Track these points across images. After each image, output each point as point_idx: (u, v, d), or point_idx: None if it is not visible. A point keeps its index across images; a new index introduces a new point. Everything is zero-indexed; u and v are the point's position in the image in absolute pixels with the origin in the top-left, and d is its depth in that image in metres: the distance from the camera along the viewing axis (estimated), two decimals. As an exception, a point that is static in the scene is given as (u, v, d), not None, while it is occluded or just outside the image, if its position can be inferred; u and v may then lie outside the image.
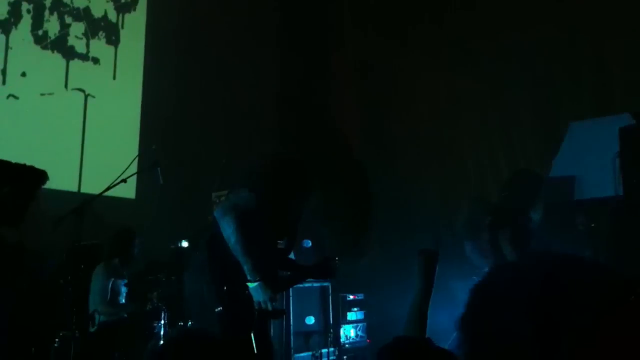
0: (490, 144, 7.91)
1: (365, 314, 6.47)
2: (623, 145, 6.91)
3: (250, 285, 3.28)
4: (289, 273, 3.70)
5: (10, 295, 3.44)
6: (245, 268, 3.25)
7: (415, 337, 2.48)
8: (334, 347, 6.08)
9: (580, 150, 7.22)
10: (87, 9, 7.14)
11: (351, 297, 6.37)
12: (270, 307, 3.32)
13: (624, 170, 6.83)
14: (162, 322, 4.93)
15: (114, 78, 7.21)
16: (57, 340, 4.86)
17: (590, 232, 6.53)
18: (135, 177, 6.43)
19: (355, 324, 6.36)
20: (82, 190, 6.53)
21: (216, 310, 3.30)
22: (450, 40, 7.98)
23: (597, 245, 6.34)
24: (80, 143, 6.76)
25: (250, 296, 3.29)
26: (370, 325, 6.47)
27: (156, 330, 4.89)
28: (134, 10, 7.53)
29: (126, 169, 5.51)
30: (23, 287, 3.91)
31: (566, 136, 7.34)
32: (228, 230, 3.26)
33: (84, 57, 7.03)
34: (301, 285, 5.99)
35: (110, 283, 5.53)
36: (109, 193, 5.78)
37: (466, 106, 8.03)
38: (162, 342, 1.87)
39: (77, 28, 7.04)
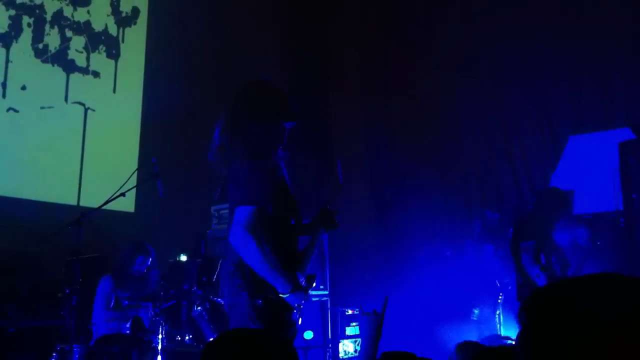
0: (491, 155, 7.93)
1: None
2: (623, 160, 6.93)
3: (284, 296, 3.26)
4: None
5: None
6: (277, 283, 3.22)
7: (401, 352, 2.48)
8: (332, 361, 6.06)
9: (579, 163, 7.23)
10: (87, 23, 7.16)
11: (350, 311, 6.36)
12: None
13: (623, 185, 6.85)
14: (160, 336, 4.90)
15: (114, 91, 7.22)
16: (54, 354, 4.84)
17: (592, 247, 6.51)
18: (134, 190, 6.48)
19: (354, 339, 6.34)
20: (82, 203, 6.52)
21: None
22: (450, 49, 8.02)
23: (598, 259, 6.34)
24: (80, 156, 6.76)
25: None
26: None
27: (154, 344, 4.87)
28: (135, 24, 7.56)
29: (125, 182, 5.53)
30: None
31: (565, 149, 7.35)
32: (251, 253, 3.21)
33: (85, 71, 7.05)
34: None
35: (114, 294, 5.53)
36: (109, 206, 5.79)
37: (468, 114, 8.06)
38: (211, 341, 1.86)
39: (78, 42, 7.06)
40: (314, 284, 3.61)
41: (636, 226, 6.74)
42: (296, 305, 3.30)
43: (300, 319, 3.40)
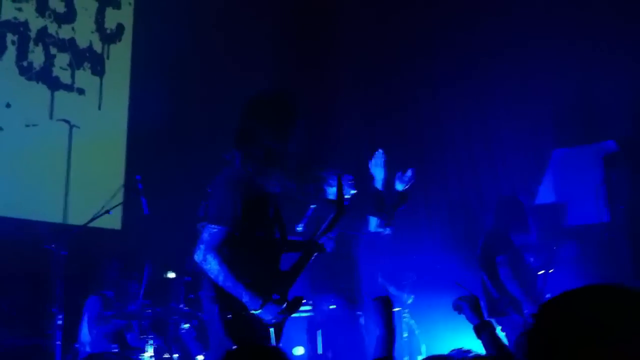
0: (474, 169, 7.96)
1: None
2: (608, 173, 6.99)
3: (255, 312, 3.29)
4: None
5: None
6: (245, 300, 3.26)
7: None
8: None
9: (564, 177, 7.28)
10: (72, 40, 7.13)
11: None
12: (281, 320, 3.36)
13: (608, 197, 6.91)
14: (149, 354, 4.86)
15: (100, 108, 7.19)
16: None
17: (578, 259, 6.57)
18: (121, 207, 6.44)
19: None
20: (68, 221, 6.48)
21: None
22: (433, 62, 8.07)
23: (584, 271, 6.38)
24: (65, 174, 6.72)
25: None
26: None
27: (142, 362, 4.83)
28: (120, 40, 7.54)
29: (110, 199, 5.51)
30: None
31: (550, 163, 7.39)
32: (213, 271, 3.29)
33: (69, 88, 7.01)
34: (289, 318, 5.95)
35: (103, 315, 5.50)
36: (95, 224, 5.76)
37: (450, 128, 8.09)
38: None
39: (62, 59, 7.03)
40: (299, 306, 3.62)
41: (621, 238, 6.81)
42: (270, 321, 3.30)
43: (275, 337, 3.39)
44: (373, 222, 5.18)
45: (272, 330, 3.36)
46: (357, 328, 5.13)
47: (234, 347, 3.19)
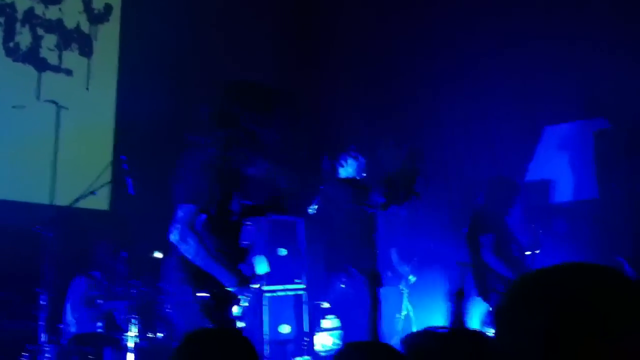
0: (470, 147, 7.92)
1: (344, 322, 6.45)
2: (598, 149, 6.95)
3: (231, 289, 3.31)
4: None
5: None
6: (223, 277, 3.29)
7: (367, 342, 2.49)
8: (309, 355, 6.05)
9: (554, 154, 7.23)
10: (59, 21, 7.10)
11: (326, 304, 6.34)
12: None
13: (599, 174, 6.87)
14: (133, 334, 4.88)
15: (87, 89, 7.17)
16: (25, 355, 4.81)
17: (569, 235, 6.55)
18: (109, 188, 6.44)
19: (330, 332, 6.33)
20: (55, 202, 6.47)
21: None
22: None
23: (575, 248, 6.36)
24: (52, 155, 6.70)
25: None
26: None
27: (125, 342, 4.84)
28: (108, 21, 7.50)
29: (96, 179, 5.51)
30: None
31: (541, 140, 7.35)
32: (192, 250, 3.29)
33: (57, 69, 7.00)
34: (275, 294, 5.98)
35: (88, 293, 5.53)
36: (83, 205, 5.77)
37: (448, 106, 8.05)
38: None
39: (50, 40, 7.01)
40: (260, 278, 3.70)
41: (613, 214, 6.78)
42: (243, 298, 3.33)
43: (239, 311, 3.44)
44: (375, 196, 5.12)
45: (243, 307, 3.38)
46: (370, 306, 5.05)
47: (210, 327, 3.20)
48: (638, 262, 5.92)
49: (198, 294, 3.33)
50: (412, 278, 6.98)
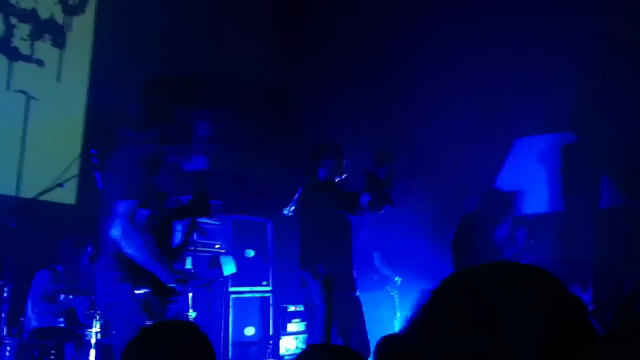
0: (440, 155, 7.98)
1: (306, 326, 6.46)
2: (565, 163, 7.07)
3: (171, 285, 3.30)
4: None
5: None
6: (163, 274, 3.27)
7: (330, 344, 2.51)
8: (273, 358, 6.04)
9: (523, 165, 7.34)
10: (33, 11, 7.00)
11: (292, 308, 6.35)
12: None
13: (565, 187, 6.99)
14: (94, 329, 4.83)
15: (59, 80, 7.08)
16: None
17: (531, 248, 6.63)
18: (76, 182, 6.37)
19: (295, 335, 6.34)
20: (21, 194, 6.39)
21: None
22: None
23: (537, 261, 6.45)
24: (20, 146, 6.61)
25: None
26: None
27: (87, 337, 4.79)
28: (83, 12, 7.41)
29: (63, 172, 5.46)
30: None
31: (510, 151, 7.45)
32: (134, 245, 3.27)
33: (29, 59, 6.89)
34: (241, 296, 5.96)
35: (50, 287, 5.46)
36: (49, 198, 5.69)
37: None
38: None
39: (23, 29, 6.90)
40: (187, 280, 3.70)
41: (575, 227, 6.89)
42: (184, 293, 3.38)
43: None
44: (364, 202, 5.10)
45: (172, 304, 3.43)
46: (348, 310, 4.99)
47: (148, 323, 3.18)
48: (598, 279, 6.06)
49: (137, 292, 3.31)
50: (397, 279, 7.03)
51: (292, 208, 5.27)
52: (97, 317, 4.83)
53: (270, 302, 6.25)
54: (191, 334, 2.09)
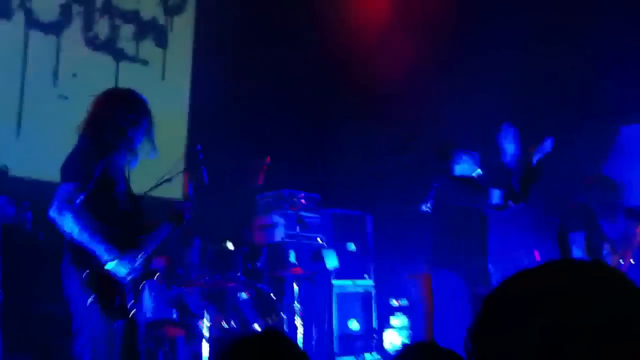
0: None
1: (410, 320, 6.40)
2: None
3: (110, 265, 3.35)
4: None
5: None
6: (100, 250, 3.32)
7: (424, 342, 2.42)
8: (377, 352, 6.02)
9: (630, 155, 7.02)
10: (136, 12, 7.23)
11: (395, 302, 6.30)
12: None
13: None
14: (206, 322, 4.93)
15: (163, 79, 7.28)
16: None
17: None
18: (181, 177, 6.52)
19: (400, 330, 6.29)
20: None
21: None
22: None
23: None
24: (127, 144, 6.82)
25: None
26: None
27: (199, 329, 4.89)
28: (183, 12, 7.60)
29: (171, 167, 5.58)
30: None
31: (617, 140, 7.14)
32: (68, 225, 3.36)
33: (133, 59, 7.12)
34: (345, 292, 5.96)
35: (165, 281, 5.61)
36: (156, 193, 5.85)
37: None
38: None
39: (127, 30, 7.13)
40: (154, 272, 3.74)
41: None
42: (125, 276, 3.39)
43: (133, 294, 3.46)
44: (495, 196, 4.95)
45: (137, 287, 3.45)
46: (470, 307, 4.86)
47: (92, 297, 3.27)
48: None
49: (79, 271, 3.38)
50: None
51: (429, 205, 5.13)
52: (208, 309, 4.93)
53: (373, 295, 6.23)
54: (285, 347, 1.92)
